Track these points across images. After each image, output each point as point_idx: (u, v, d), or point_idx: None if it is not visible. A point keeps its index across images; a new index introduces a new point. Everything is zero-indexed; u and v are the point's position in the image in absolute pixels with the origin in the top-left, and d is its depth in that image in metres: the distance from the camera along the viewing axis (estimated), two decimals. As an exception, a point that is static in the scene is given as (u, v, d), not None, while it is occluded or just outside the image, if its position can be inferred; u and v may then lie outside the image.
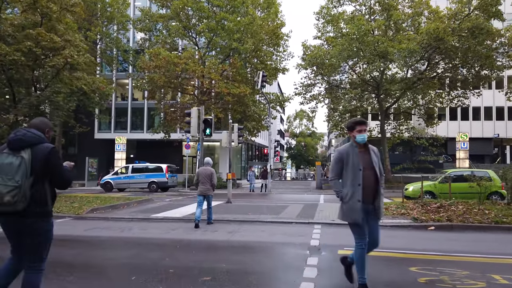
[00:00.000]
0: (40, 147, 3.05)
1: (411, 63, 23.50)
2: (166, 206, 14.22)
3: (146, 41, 30.82)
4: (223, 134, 16.18)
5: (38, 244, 3.07)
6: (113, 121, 43.24)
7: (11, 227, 3.05)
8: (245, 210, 12.57)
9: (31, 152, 2.99)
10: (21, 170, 2.88)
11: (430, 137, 34.82)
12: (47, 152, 3.05)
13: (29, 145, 3.01)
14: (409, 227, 9.48)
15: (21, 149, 2.98)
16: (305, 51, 27.84)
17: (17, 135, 3.04)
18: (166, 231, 8.84)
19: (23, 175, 2.88)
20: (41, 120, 3.34)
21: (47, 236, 3.13)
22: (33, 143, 3.03)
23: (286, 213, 11.92)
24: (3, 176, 2.86)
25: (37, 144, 3.05)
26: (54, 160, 3.08)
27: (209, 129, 11.13)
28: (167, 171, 25.65)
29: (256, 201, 17.31)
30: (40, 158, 2.99)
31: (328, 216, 11.07)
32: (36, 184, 2.97)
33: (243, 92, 26.07)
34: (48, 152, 3.05)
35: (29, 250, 3.07)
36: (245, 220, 10.45)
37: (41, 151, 3.03)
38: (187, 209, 13.04)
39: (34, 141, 3.05)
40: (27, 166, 2.93)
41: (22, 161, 2.92)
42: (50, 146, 3.11)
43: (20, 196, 2.85)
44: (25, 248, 3.07)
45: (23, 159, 2.92)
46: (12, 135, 3.07)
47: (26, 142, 3.01)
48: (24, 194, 2.87)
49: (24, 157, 2.94)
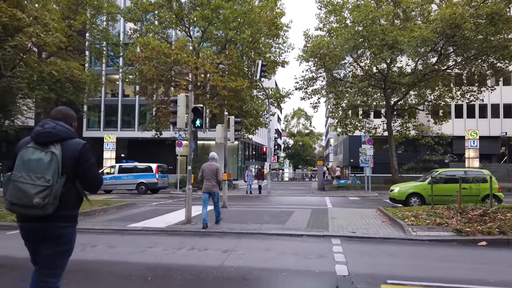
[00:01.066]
0: (70, 142, 2.74)
1: (423, 52, 21.46)
2: (150, 212, 12.12)
3: (136, 32, 28.64)
4: (217, 128, 14.08)
5: (58, 255, 2.71)
6: (103, 118, 41.03)
7: (34, 233, 2.68)
8: (243, 218, 10.51)
9: (61, 147, 2.67)
10: (52, 168, 2.56)
11: (436, 136, 32.94)
12: (79, 149, 2.73)
13: (59, 139, 2.70)
14: (453, 241, 7.45)
15: (50, 143, 2.66)
16: (307, 41, 25.77)
17: (45, 128, 2.70)
18: (140, 249, 6.75)
19: (54, 174, 2.56)
20: (67, 110, 2.96)
21: (70, 247, 2.78)
22: (64, 138, 2.72)
23: (293, 222, 9.86)
24: (31, 174, 2.54)
25: (67, 139, 2.74)
26: (87, 157, 2.77)
27: (199, 120, 9.05)
28: (157, 171, 23.55)
29: (255, 206, 15.24)
30: (71, 155, 2.70)
31: (345, 226, 9.02)
32: (67, 184, 2.65)
33: (240, 86, 24.01)
34: (80, 148, 2.74)
35: (47, 262, 2.71)
36: (243, 232, 8.38)
37: (72, 147, 2.73)
38: (175, 216, 10.95)
39: (65, 135, 2.74)
40: (59, 163, 2.60)
41: (53, 157, 2.60)
42: (82, 141, 2.79)
43: (51, 198, 2.53)
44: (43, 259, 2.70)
45: (54, 155, 2.61)
46: (38, 127, 2.72)
47: (56, 136, 2.69)
48: (56, 196, 2.56)
49: (55, 153, 2.62)
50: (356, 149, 43.03)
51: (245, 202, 16.95)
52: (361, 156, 24.80)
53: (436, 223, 8.55)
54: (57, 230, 2.67)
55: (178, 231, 8.57)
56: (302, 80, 27.59)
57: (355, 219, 10.32)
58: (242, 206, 14.28)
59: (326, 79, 27.84)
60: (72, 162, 2.67)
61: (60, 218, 2.65)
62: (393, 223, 9.32)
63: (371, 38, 23.02)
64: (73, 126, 2.92)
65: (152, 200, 18.03)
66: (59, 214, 2.62)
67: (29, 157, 2.58)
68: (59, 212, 2.61)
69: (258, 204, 15.97)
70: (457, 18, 19.73)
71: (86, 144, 2.80)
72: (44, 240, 2.67)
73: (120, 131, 40.31)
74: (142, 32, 27.95)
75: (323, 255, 6.28)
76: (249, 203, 16.69)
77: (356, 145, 42.60)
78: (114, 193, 22.72)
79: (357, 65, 27.09)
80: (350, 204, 16.67)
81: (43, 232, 2.65)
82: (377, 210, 12.09)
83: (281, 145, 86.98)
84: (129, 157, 35.67)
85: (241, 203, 16.26)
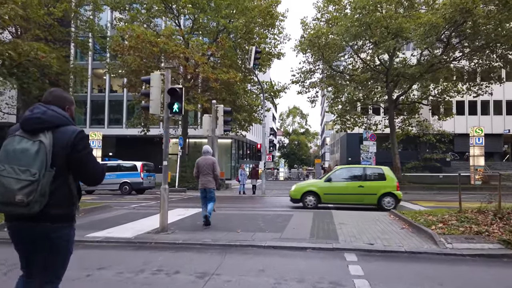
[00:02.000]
0: (64, 130, 2.36)
1: (430, 40, 19.74)
2: (122, 216, 10.27)
3: (121, 21, 26.68)
4: (204, 119, 12.26)
5: (52, 260, 2.39)
6: (89, 115, 39.08)
7: (22, 235, 2.37)
8: (233, 224, 8.71)
9: (52, 136, 2.31)
10: (39, 159, 2.22)
11: (437, 133, 31.38)
12: (73, 137, 2.35)
13: (50, 126, 2.33)
14: (503, 257, 5.72)
15: (39, 131, 2.30)
16: (305, 30, 24.02)
17: (34, 113, 2.36)
18: (85, 272, 4.89)
19: (41, 166, 2.22)
20: (61, 92, 2.56)
21: (68, 248, 2.45)
22: (56, 125, 2.35)
23: (292, 229, 8.08)
24: (14, 167, 2.20)
25: (60, 126, 2.36)
26: (83, 147, 2.39)
27: (177, 104, 7.27)
28: (143, 170, 21.65)
29: (248, 208, 13.44)
30: (64, 144, 2.32)
31: (357, 235, 7.25)
32: (58, 179, 2.29)
33: (233, 78, 22.23)
34: (75, 136, 2.36)
35: (43, 266, 2.40)
36: (231, 244, 6.57)
37: (66, 135, 2.34)
38: (151, 221, 9.11)
39: (57, 121, 2.36)
40: (48, 154, 2.25)
41: (41, 147, 2.25)
42: (77, 129, 2.40)
43: (37, 194, 2.19)
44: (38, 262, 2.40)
45: (41, 145, 2.25)
46: (27, 112, 2.38)
47: (46, 123, 2.33)
48: (43, 192, 2.21)
49: (44, 142, 2.26)
50: (354, 147, 41.59)
51: (237, 204, 15.15)
52: (363, 154, 23.14)
53: (474, 232, 6.80)
54: (49, 232, 2.32)
55: (147, 243, 6.75)
56: (299, 72, 25.88)
57: (367, 224, 8.57)
58: (233, 209, 12.47)
59: (325, 71, 26.09)
60: (65, 153, 2.31)
61: (52, 217, 2.30)
62: (417, 230, 7.58)
63: (373, 26, 21.34)
64: (68, 110, 2.54)
65: (134, 201, 16.18)
66: (50, 212, 2.28)
67: (14, 147, 2.25)
68: (50, 211, 2.27)
69: (251, 207, 14.17)
70: (468, 2, 18.08)
71: (82, 131, 2.42)
72: (35, 242, 2.34)
73: (108, 128, 38.41)
74: (128, 21, 26.02)
75: (338, 281, 4.49)
76: (242, 205, 14.89)
77: (355, 143, 41.16)
78: (95, 194, 20.86)
79: (357, 56, 25.40)
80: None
81: (33, 233, 2.32)
82: (390, 214, 10.35)
83: (276, 144, 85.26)
84: (116, 155, 33.81)
85: (233, 205, 14.46)
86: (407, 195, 20.62)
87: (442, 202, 16.14)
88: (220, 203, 13.79)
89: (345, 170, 14.08)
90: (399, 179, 25.53)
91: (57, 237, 2.36)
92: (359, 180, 12.82)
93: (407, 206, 14.09)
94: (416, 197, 19.15)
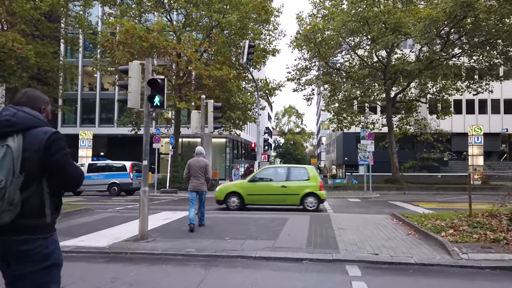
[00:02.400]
0: (35, 132, 2.12)
1: (430, 35, 19.02)
2: (102, 221, 9.45)
3: (111, 16, 25.79)
4: (192, 114, 11.45)
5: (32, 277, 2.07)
6: (79, 113, 38.12)
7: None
8: (221, 230, 7.93)
9: (22, 139, 2.08)
10: (5, 165, 2.01)
11: (435, 132, 30.77)
12: (45, 139, 2.10)
13: (21, 129, 2.11)
14: (528, 270, 5.00)
15: (8, 135, 2.09)
16: (300, 25, 23.26)
17: (2, 115, 2.15)
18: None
19: (8, 173, 2.00)
20: (33, 92, 2.35)
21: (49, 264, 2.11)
22: (28, 127, 2.12)
23: (287, 236, 7.31)
24: None
25: (32, 128, 2.13)
26: (57, 149, 2.13)
27: (159, 96, 6.48)
28: (132, 170, 20.81)
29: (239, 211, 12.67)
30: (35, 147, 2.08)
31: (359, 243, 6.50)
32: (29, 186, 2.06)
33: (226, 75, 21.42)
34: (47, 138, 2.11)
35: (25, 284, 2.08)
36: (217, 254, 5.79)
37: (38, 137, 2.10)
38: (131, 227, 8.29)
39: (29, 123, 2.14)
40: (15, 159, 2.03)
41: (7, 152, 2.03)
42: (50, 130, 2.16)
43: (4, 203, 1.97)
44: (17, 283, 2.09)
45: (8, 149, 2.04)
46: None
47: (16, 125, 2.11)
48: (10, 200, 1.98)
49: (11, 146, 2.05)
50: (350, 146, 40.90)
51: (229, 206, 14.34)
52: (360, 153, 22.40)
53: (490, 240, 6.08)
54: (22, 245, 2.05)
55: (122, 253, 5.96)
56: (294, 69, 25.11)
57: (369, 230, 7.84)
58: (223, 212, 11.68)
59: (321, 68, 25.36)
60: (37, 157, 2.07)
61: (25, 228, 2.04)
62: (424, 237, 6.84)
63: (371, 21, 20.64)
64: (43, 111, 2.30)
65: (122, 203, 15.36)
66: (22, 223, 2.03)
67: None
68: (22, 221, 2.02)
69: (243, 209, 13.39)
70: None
71: (57, 132, 2.15)
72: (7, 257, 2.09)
73: (98, 127, 37.48)
74: (118, 16, 25.14)
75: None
76: (234, 207, 14.09)
77: (351, 142, 40.48)
78: (83, 195, 20.00)
79: (355, 53, 24.68)
80: (353, 207, 14.23)
81: (3, 247, 2.08)
82: (392, 217, 9.63)
83: (272, 144, 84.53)
84: (108, 155, 32.98)
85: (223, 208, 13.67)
86: (406, 196, 19.99)
87: (444, 203, 15.45)
88: (211, 205, 13.02)
89: (269, 170, 13.86)
90: (397, 179, 25.06)
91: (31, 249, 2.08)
92: (283, 180, 12.38)
93: (408, 208, 13.40)
94: (416, 198, 18.48)
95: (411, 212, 10.97)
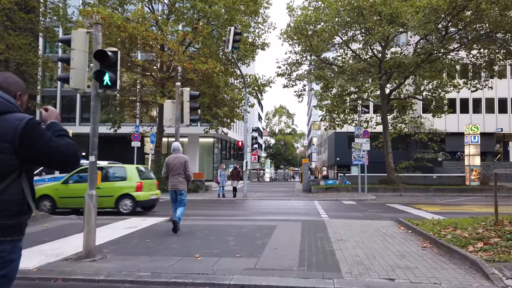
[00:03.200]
0: (8, 118, 1.84)
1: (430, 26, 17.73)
2: (55, 230, 7.87)
3: (88, 5, 24.07)
4: (165, 104, 9.88)
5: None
6: (59, 111, 36.08)
7: None
8: (194, 242, 6.43)
9: None
10: None
11: (429, 132, 29.68)
12: (22, 127, 1.81)
13: None
14: None
15: None
16: (291, 15, 21.85)
17: None
18: None
19: None
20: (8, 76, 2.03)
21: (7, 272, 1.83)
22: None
23: (273, 250, 5.83)
24: None
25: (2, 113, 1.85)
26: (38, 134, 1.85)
27: (109, 74, 4.90)
28: (108, 170, 19.12)
29: (222, 216, 11.17)
30: (9, 137, 1.80)
31: (366, 261, 5.05)
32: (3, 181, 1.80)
33: (212, 68, 19.90)
34: (23, 126, 1.81)
35: None
36: (178, 281, 4.29)
37: (11, 124, 1.82)
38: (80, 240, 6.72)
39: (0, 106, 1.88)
40: None
41: None
42: (25, 117, 1.87)
43: None
44: None
45: None
46: None
47: None
48: None
49: None
50: (342, 146, 39.69)
51: (212, 210, 12.86)
52: (354, 152, 21.11)
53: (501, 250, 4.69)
54: None
55: (51, 279, 4.41)
56: (285, 64, 23.68)
57: (374, 241, 6.40)
58: (203, 218, 10.15)
59: (313, 63, 23.98)
60: (10, 148, 1.78)
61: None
62: (446, 252, 5.43)
63: (366, 11, 19.33)
64: (19, 98, 1.99)
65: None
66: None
67: None
68: None
69: (227, 214, 11.89)
70: (472, -17, 16.22)
71: (33, 119, 1.85)
72: None
73: (79, 126, 35.59)
74: (96, 5, 23.44)
75: None
76: (217, 211, 12.62)
77: (343, 142, 39.26)
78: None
79: (348, 48, 23.36)
80: (348, 211, 12.81)
81: None
82: (399, 224, 8.21)
83: (262, 144, 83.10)
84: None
85: (206, 212, 12.17)
86: (403, 198, 18.72)
87: (448, 206, 14.14)
88: (192, 209, 11.52)
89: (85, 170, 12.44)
90: (393, 179, 23.78)
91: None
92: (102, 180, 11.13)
93: (411, 212, 12.05)
94: (414, 200, 17.23)
95: (415, 217, 9.63)
